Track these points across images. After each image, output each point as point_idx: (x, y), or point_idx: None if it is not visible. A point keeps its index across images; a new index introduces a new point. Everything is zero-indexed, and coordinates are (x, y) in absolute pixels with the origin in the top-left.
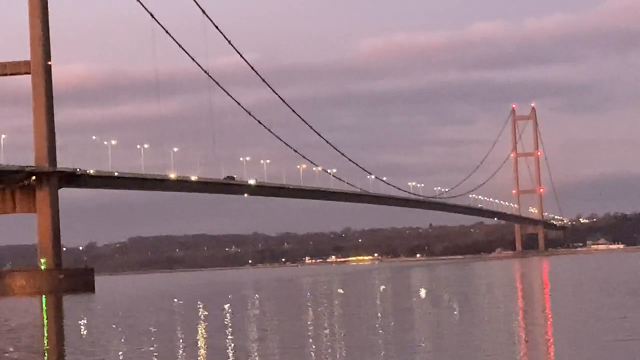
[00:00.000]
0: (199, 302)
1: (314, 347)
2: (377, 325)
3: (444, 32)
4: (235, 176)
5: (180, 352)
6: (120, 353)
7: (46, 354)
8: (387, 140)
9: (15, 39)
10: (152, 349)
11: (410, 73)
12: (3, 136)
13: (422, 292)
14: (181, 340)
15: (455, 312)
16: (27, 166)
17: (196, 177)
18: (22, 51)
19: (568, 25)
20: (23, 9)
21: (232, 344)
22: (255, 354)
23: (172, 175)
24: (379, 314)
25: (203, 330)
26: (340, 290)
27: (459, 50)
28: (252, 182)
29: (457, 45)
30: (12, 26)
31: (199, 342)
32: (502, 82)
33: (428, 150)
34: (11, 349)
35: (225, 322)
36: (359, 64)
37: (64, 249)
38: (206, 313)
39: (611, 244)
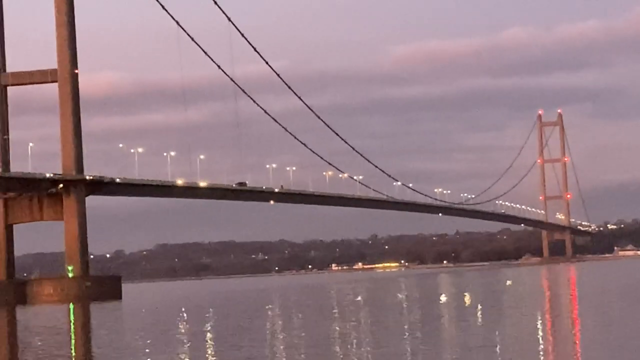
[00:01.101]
0: (224, 309)
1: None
2: (405, 335)
3: (475, 38)
4: (247, 182)
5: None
6: None
7: None
8: (416, 147)
9: (42, 48)
10: (180, 356)
11: (441, 80)
12: (31, 144)
13: (448, 299)
14: (209, 348)
15: (481, 320)
16: (54, 174)
17: (215, 184)
18: (49, 60)
19: (599, 31)
20: (50, 18)
21: (264, 352)
22: None
23: (202, 183)
24: (406, 324)
25: (228, 337)
26: (360, 299)
27: (490, 57)
28: (266, 188)
29: (488, 51)
30: (39, 35)
31: (224, 350)
32: (532, 88)
33: (457, 157)
34: (40, 357)
35: (254, 329)
36: (389, 71)
37: (91, 256)
38: (232, 319)
39: (639, 250)
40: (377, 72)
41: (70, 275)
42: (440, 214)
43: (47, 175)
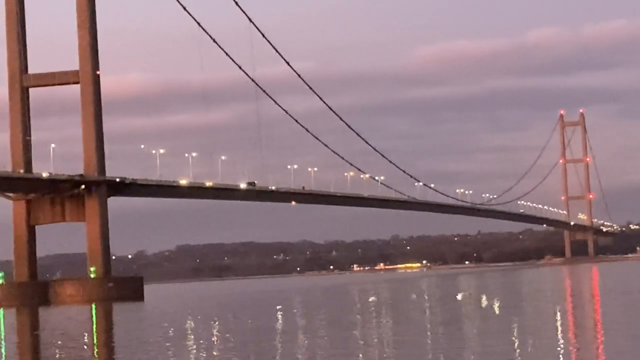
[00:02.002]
0: (247, 310)
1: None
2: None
3: (501, 38)
4: (255, 182)
5: None
6: None
7: None
8: (440, 148)
9: (64, 49)
10: (202, 356)
11: (466, 80)
12: (52, 145)
13: (472, 300)
14: (232, 350)
15: (504, 320)
16: (76, 175)
17: (243, 186)
18: (71, 61)
19: (625, 31)
20: (72, 19)
21: (283, 352)
22: None
23: (210, 184)
24: (429, 325)
25: (254, 338)
26: (380, 300)
27: (516, 57)
28: (273, 188)
29: (515, 51)
30: (61, 36)
31: (249, 352)
32: (557, 88)
33: (480, 157)
34: (62, 357)
35: (277, 330)
36: (414, 72)
37: (113, 257)
38: (257, 321)
39: None
40: (402, 73)
41: (93, 276)
42: (462, 215)
43: (69, 176)
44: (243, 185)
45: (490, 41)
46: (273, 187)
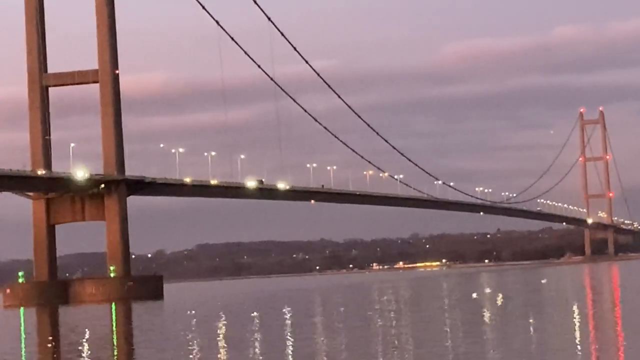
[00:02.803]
0: (268, 309)
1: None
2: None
3: (526, 36)
4: (263, 180)
5: None
6: None
7: None
8: (462, 146)
9: (83, 49)
10: (220, 355)
11: (489, 78)
12: (72, 145)
13: (495, 299)
14: (253, 348)
15: (524, 320)
16: (96, 174)
17: (254, 185)
18: (91, 60)
19: None
20: (91, 19)
21: (306, 351)
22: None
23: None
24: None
25: (274, 338)
26: (404, 299)
27: (540, 55)
28: (281, 186)
29: (539, 49)
30: (80, 36)
31: (270, 351)
32: (581, 86)
33: (502, 156)
34: (82, 356)
35: (296, 329)
36: (438, 70)
37: (133, 256)
38: (277, 320)
39: None
40: (425, 71)
41: (112, 275)
42: (481, 213)
43: (89, 175)
44: (250, 184)
45: (514, 39)
46: (284, 186)
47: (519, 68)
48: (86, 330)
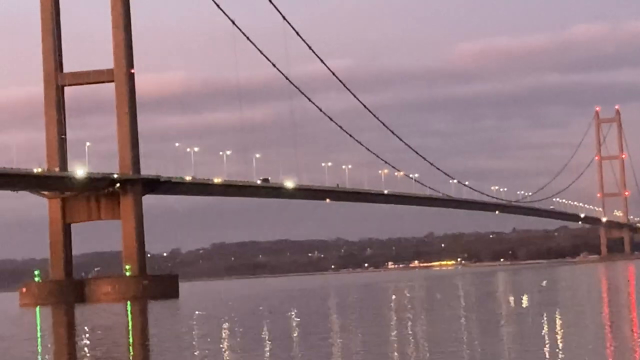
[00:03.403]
0: (284, 307)
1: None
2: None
3: (543, 35)
4: (269, 178)
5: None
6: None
7: None
8: (478, 145)
9: (98, 48)
10: (235, 353)
11: (507, 77)
12: (88, 144)
13: (510, 299)
14: (268, 346)
15: (541, 320)
16: (111, 173)
17: (270, 184)
18: (106, 59)
19: None
20: (106, 18)
21: (331, 351)
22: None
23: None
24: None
25: (292, 336)
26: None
27: (558, 53)
28: (289, 184)
29: (557, 48)
30: (95, 35)
31: (285, 349)
32: (599, 85)
33: (518, 155)
34: (98, 355)
35: (314, 328)
36: (455, 69)
37: (148, 255)
38: (294, 318)
39: None
40: (443, 70)
41: (128, 274)
42: (497, 212)
43: (104, 174)
44: (257, 182)
45: (532, 38)
46: (282, 182)
47: (535, 67)
48: (102, 328)
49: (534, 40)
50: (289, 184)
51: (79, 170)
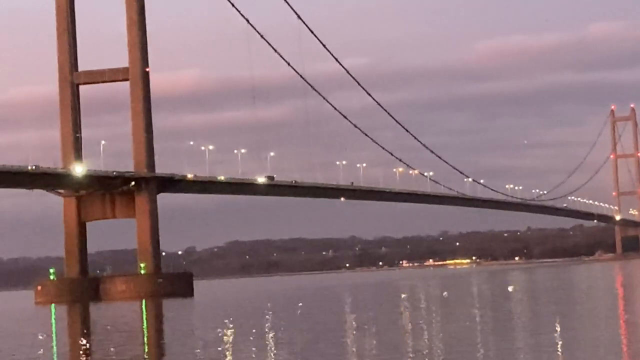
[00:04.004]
0: (298, 305)
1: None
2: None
3: (560, 33)
4: (274, 176)
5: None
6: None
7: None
8: (494, 143)
9: (113, 46)
10: (250, 352)
11: (524, 75)
12: (103, 142)
13: (522, 297)
14: (284, 345)
15: (555, 320)
16: (126, 172)
17: (290, 182)
18: (121, 58)
19: None
20: (121, 16)
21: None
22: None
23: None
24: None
25: (307, 335)
26: (445, 294)
27: (575, 52)
28: (293, 181)
29: (574, 46)
30: (110, 33)
31: (301, 348)
32: (616, 83)
33: (534, 153)
34: (112, 352)
35: (330, 326)
36: (472, 67)
37: (163, 253)
38: (309, 316)
39: None
40: (459, 68)
41: (143, 272)
42: (511, 211)
43: (119, 173)
44: (261, 180)
45: (549, 36)
46: (293, 180)
47: (552, 65)
48: (117, 326)
49: (551, 39)
50: (295, 181)
51: (78, 168)
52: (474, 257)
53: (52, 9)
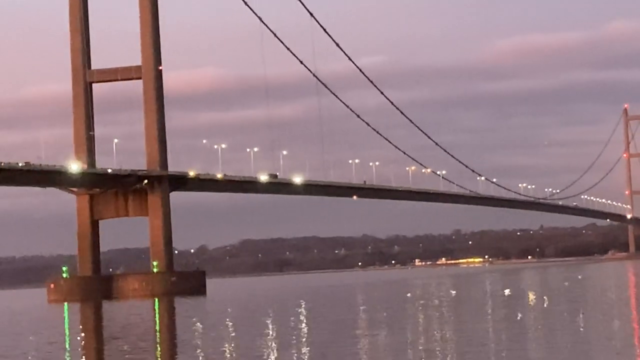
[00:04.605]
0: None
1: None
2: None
3: (579, 31)
4: (277, 174)
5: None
6: (235, 356)
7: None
8: (510, 142)
9: (126, 45)
10: (264, 350)
11: (542, 74)
12: (115, 141)
13: (534, 297)
14: (296, 343)
15: (571, 320)
16: (139, 170)
17: (303, 180)
18: (134, 56)
19: None
20: (134, 15)
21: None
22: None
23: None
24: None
25: (321, 333)
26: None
27: (592, 50)
28: (297, 180)
29: (593, 44)
30: (123, 32)
31: (316, 346)
32: (635, 81)
33: (549, 152)
34: (125, 351)
35: (344, 324)
36: (489, 65)
37: (176, 251)
38: (321, 315)
39: None
40: (476, 67)
41: (155, 270)
42: (524, 209)
43: (132, 171)
44: (264, 178)
45: (566, 35)
46: (293, 178)
47: (569, 64)
48: (129, 324)
49: (568, 37)
50: (297, 180)
51: (74, 165)
52: (486, 256)
53: (66, 7)
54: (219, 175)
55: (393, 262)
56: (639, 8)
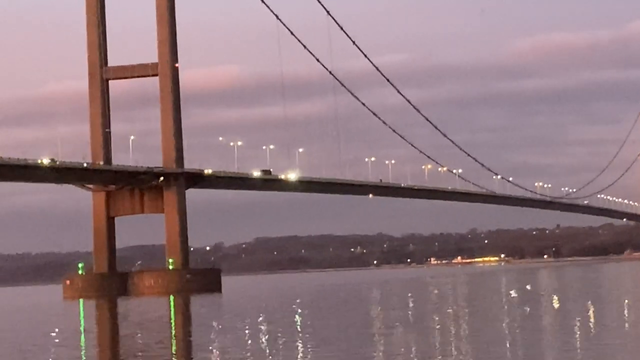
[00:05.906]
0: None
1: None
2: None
3: (602, 30)
4: (271, 170)
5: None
6: (250, 354)
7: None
8: (529, 141)
9: (143, 42)
10: (278, 348)
11: (562, 73)
12: (132, 138)
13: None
14: (309, 342)
15: (587, 322)
16: (155, 167)
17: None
18: (151, 54)
19: None
20: (151, 12)
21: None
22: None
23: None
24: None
25: (332, 331)
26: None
27: (614, 49)
28: (291, 176)
29: (615, 43)
30: (140, 29)
31: (326, 344)
32: None
33: (569, 151)
34: (140, 348)
35: (362, 323)
36: (511, 64)
37: (191, 249)
38: (327, 314)
39: None
40: (498, 65)
41: (171, 267)
42: (541, 208)
43: (148, 168)
44: (257, 174)
45: (589, 33)
46: (286, 175)
47: (591, 62)
48: (144, 321)
49: (590, 36)
50: (292, 177)
51: (45, 160)
52: (502, 255)
53: (83, 4)
54: (218, 172)
55: (408, 260)
56: None
